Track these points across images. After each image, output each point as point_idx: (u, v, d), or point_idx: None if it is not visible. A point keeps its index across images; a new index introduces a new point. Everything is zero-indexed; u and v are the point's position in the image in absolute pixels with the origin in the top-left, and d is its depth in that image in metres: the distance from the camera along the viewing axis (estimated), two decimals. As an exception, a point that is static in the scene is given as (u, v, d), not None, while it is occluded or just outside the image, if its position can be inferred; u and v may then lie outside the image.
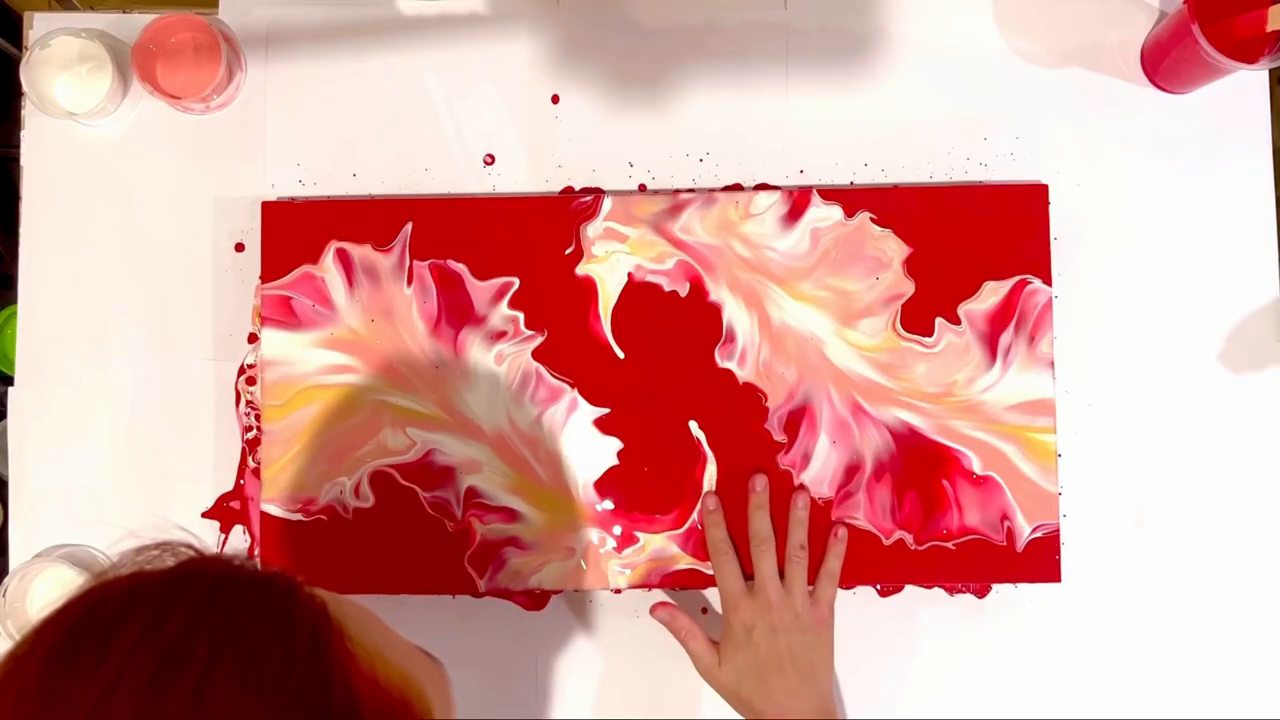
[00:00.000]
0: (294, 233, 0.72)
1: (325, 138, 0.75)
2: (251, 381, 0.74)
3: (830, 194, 0.72)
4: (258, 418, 0.73)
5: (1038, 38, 0.75)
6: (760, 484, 0.70)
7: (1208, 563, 0.72)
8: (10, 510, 0.74)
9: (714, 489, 0.71)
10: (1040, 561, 0.70)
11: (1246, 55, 0.66)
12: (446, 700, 0.42)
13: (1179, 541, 0.73)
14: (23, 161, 0.75)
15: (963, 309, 0.71)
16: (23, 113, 0.75)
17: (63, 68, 0.74)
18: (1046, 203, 0.72)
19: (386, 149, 0.75)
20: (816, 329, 0.71)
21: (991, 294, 0.71)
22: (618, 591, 0.73)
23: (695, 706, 0.72)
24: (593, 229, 0.72)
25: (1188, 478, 0.73)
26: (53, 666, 0.32)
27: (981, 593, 0.73)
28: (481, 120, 0.75)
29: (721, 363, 0.72)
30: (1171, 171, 0.74)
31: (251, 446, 0.73)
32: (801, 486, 0.70)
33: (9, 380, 0.75)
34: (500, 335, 0.72)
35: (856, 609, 0.73)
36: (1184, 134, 0.74)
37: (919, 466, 0.71)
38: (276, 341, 0.72)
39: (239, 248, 0.75)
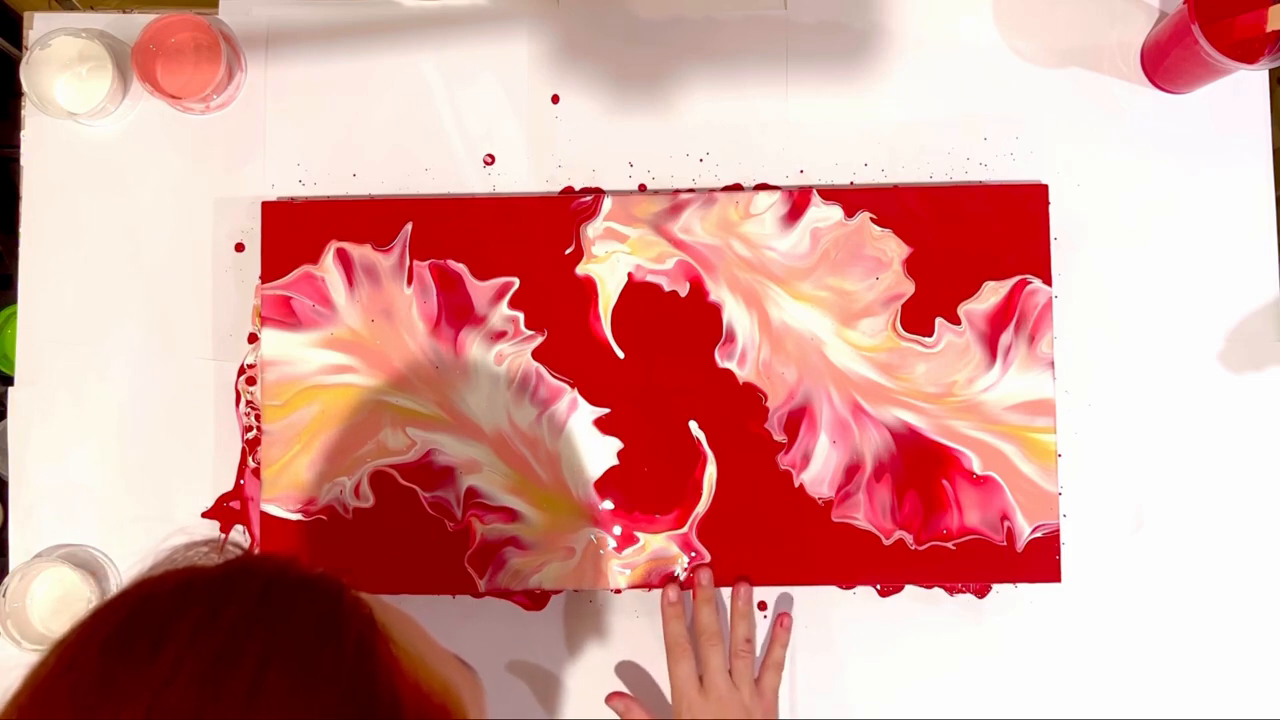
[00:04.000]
0: (294, 233, 0.72)
1: (325, 138, 0.75)
2: (251, 381, 0.74)
3: (830, 194, 0.72)
4: (258, 418, 0.73)
5: (1038, 37, 0.75)
6: (705, 578, 0.70)
7: (1208, 563, 0.72)
8: (10, 510, 0.74)
9: (678, 581, 0.71)
10: (1040, 561, 0.70)
11: (1246, 55, 0.66)
12: (481, 708, 0.42)
13: (1179, 541, 0.73)
14: (23, 161, 0.75)
15: (963, 309, 0.71)
16: (23, 113, 0.75)
17: (63, 68, 0.74)
18: (1046, 203, 0.72)
19: (386, 149, 0.75)
20: (816, 329, 0.71)
21: (991, 294, 0.71)
22: (618, 591, 0.73)
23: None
24: (593, 229, 0.72)
25: (1188, 478, 0.73)
26: (109, 657, 0.33)
27: (981, 593, 0.73)
28: (482, 120, 0.75)
29: (721, 363, 0.72)
30: (1171, 171, 0.74)
31: (251, 446, 0.73)
32: (743, 578, 0.70)
33: (9, 380, 0.75)
34: (500, 335, 0.72)
35: (857, 609, 0.73)
36: (1184, 134, 0.74)
37: (919, 466, 0.71)
38: (276, 341, 0.72)
39: (239, 248, 0.75)
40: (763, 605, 0.73)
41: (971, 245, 0.72)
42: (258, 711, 0.32)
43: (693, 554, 0.71)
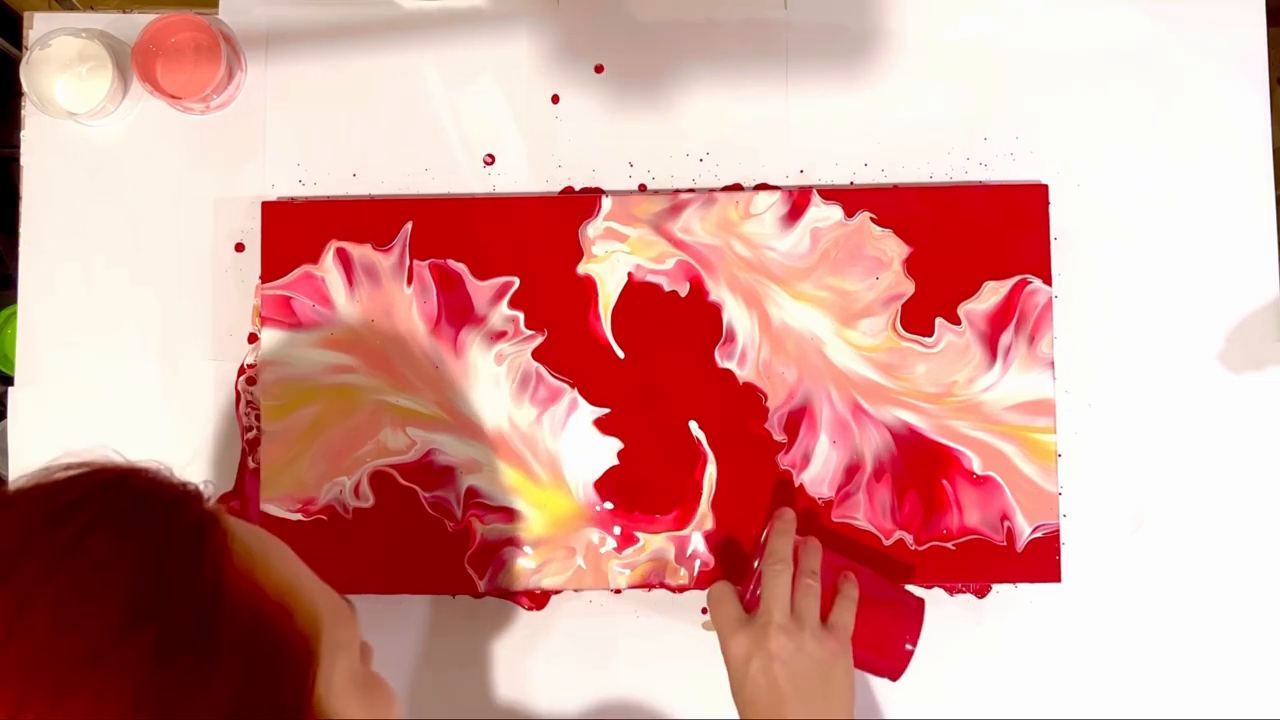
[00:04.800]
0: (294, 233, 0.72)
1: (325, 138, 0.75)
2: (251, 381, 0.74)
3: (830, 194, 0.72)
4: (258, 418, 0.73)
5: (1038, 37, 0.75)
6: (789, 514, 0.68)
7: (1207, 563, 0.72)
8: (10, 510, 0.74)
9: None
10: (1040, 561, 0.70)
11: None
12: (350, 634, 0.44)
13: (1179, 541, 0.73)
14: (23, 161, 0.75)
15: (963, 309, 0.71)
16: (23, 113, 0.75)
17: (63, 68, 0.74)
18: (1046, 203, 0.72)
19: (386, 149, 0.75)
20: (816, 329, 0.71)
21: (991, 294, 0.71)
22: (618, 591, 0.73)
23: (695, 707, 0.72)
24: (593, 229, 0.72)
25: (1188, 478, 0.73)
26: None
27: (981, 593, 0.73)
28: (482, 120, 0.75)
29: (721, 363, 0.72)
30: (1171, 171, 0.74)
31: (251, 446, 0.73)
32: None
33: (9, 380, 0.75)
34: (500, 335, 0.72)
35: (856, 609, 0.73)
36: (1184, 134, 0.74)
37: (919, 466, 0.71)
38: (276, 341, 0.72)
39: (239, 248, 0.75)
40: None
41: (971, 245, 0.72)
42: (80, 560, 0.36)
43: (692, 554, 0.71)
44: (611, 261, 0.72)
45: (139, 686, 0.34)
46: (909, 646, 0.64)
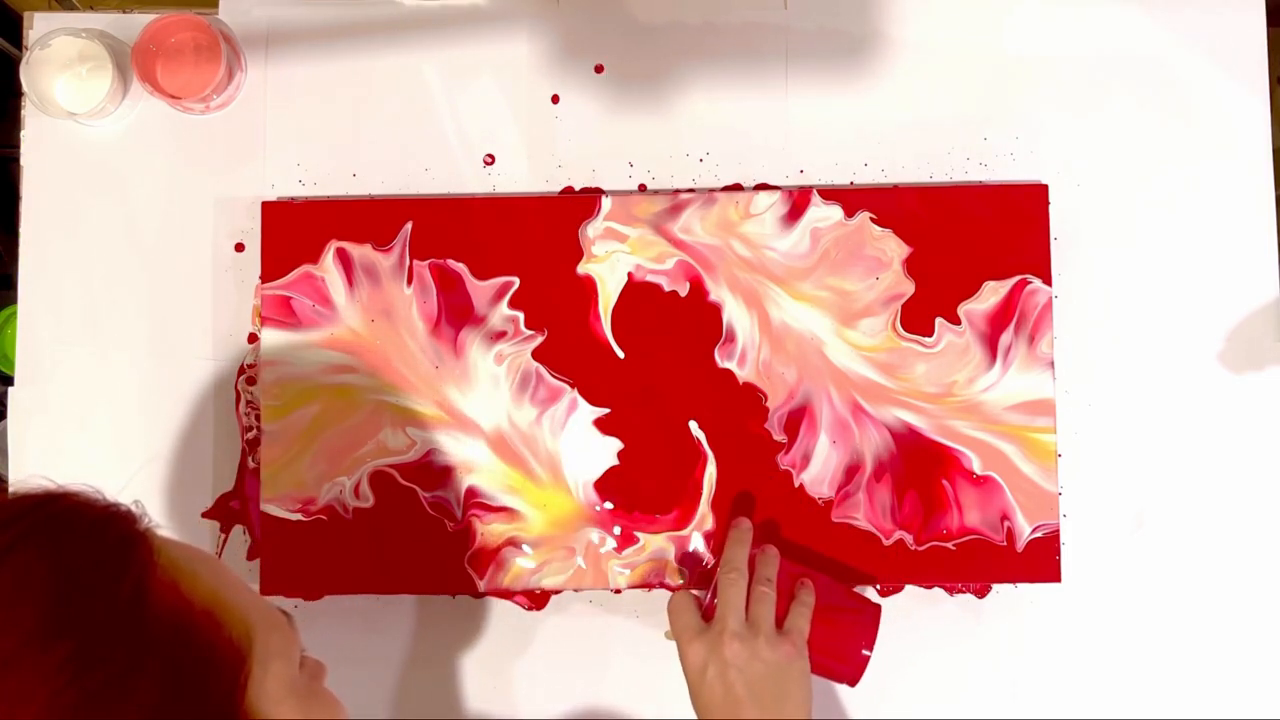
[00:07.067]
0: (294, 233, 0.72)
1: (325, 138, 0.75)
2: (251, 381, 0.74)
3: (830, 194, 0.72)
4: (258, 418, 0.73)
5: (1038, 38, 0.75)
6: (746, 524, 0.68)
7: (1208, 563, 0.72)
8: (10, 510, 0.74)
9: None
10: (1040, 561, 0.70)
11: None
12: (286, 643, 0.45)
13: (1179, 541, 0.73)
14: (23, 161, 0.75)
15: (963, 309, 0.71)
16: (23, 113, 0.75)
17: (63, 68, 0.74)
18: (1046, 203, 0.72)
19: (386, 149, 0.75)
20: (816, 329, 0.71)
21: (991, 294, 0.71)
22: (618, 591, 0.73)
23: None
24: (593, 229, 0.72)
25: (1188, 478, 0.73)
26: None
27: (981, 593, 0.73)
28: (482, 120, 0.75)
29: (721, 363, 0.72)
30: (1171, 171, 0.74)
31: (251, 446, 0.73)
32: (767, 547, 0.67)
33: (9, 380, 0.75)
34: (500, 335, 0.72)
35: (856, 609, 0.73)
36: (1184, 134, 0.74)
37: (919, 466, 0.71)
38: (276, 341, 0.72)
39: (239, 248, 0.75)
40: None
41: (971, 245, 0.72)
42: (5, 569, 0.38)
43: (692, 553, 0.71)
44: (611, 261, 0.72)
45: (58, 692, 0.36)
46: (865, 652, 0.65)
